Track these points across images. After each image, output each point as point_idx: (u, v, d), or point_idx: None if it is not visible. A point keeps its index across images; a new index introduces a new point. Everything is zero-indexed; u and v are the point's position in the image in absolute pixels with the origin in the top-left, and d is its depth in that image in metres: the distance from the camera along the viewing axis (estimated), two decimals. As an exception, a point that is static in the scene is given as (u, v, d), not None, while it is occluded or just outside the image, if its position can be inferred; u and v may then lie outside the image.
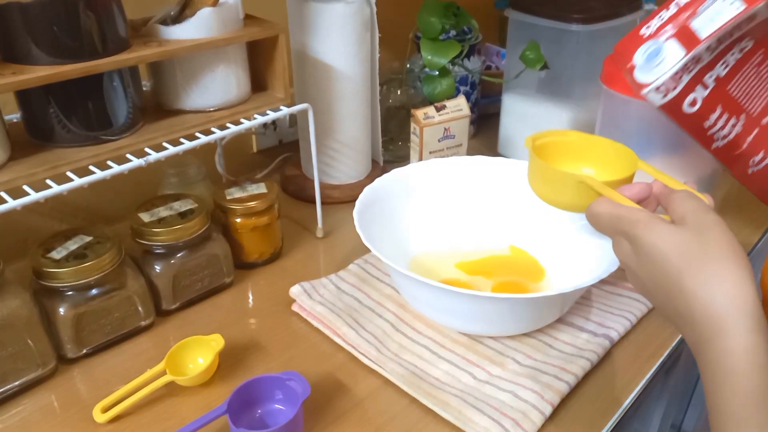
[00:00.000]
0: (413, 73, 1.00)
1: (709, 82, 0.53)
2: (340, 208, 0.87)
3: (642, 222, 0.43)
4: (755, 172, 0.58)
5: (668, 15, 0.52)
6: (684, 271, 0.39)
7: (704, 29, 0.49)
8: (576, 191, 0.51)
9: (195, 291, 0.68)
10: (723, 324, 0.37)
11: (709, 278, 0.38)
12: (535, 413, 0.53)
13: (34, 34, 0.54)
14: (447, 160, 0.77)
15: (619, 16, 0.89)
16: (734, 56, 0.52)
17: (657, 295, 0.43)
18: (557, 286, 0.68)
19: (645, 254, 0.42)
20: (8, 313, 0.54)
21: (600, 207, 0.46)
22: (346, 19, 0.78)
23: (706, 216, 0.41)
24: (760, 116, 0.55)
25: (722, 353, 0.37)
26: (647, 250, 0.42)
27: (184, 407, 0.57)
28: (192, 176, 0.76)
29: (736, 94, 0.54)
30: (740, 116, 0.55)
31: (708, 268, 0.39)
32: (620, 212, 0.45)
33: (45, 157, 0.58)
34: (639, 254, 0.43)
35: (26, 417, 0.56)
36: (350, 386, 0.59)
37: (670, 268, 0.40)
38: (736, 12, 0.47)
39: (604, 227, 0.46)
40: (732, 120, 0.56)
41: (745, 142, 0.57)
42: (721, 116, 0.55)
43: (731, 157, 0.58)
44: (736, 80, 0.54)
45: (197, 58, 0.66)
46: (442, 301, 0.59)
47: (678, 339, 0.65)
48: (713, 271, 0.39)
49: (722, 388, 0.37)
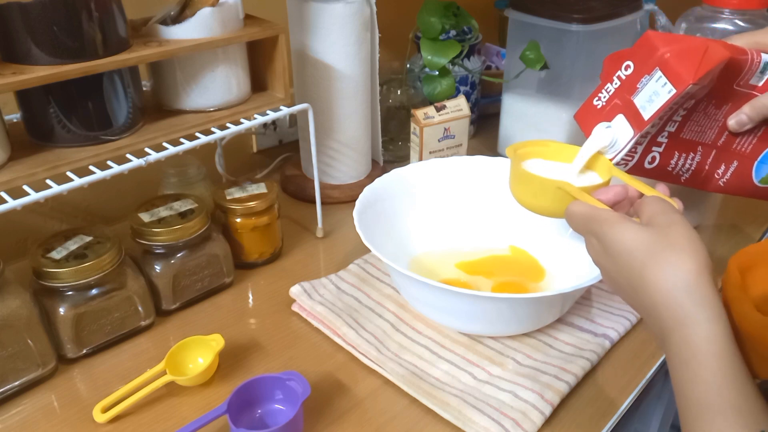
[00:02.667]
0: (413, 73, 1.00)
1: (662, 140, 0.57)
2: (340, 208, 0.87)
3: (609, 221, 0.45)
4: (726, 182, 0.61)
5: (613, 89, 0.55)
6: (646, 265, 0.42)
7: (645, 110, 0.52)
8: (555, 197, 0.53)
9: (195, 291, 0.68)
10: (682, 314, 0.40)
11: (668, 271, 0.41)
12: (535, 413, 0.53)
13: (34, 34, 0.54)
14: (447, 160, 0.77)
15: (619, 16, 0.89)
16: (680, 114, 0.55)
17: (626, 289, 0.45)
18: (557, 286, 0.68)
19: (612, 250, 0.44)
20: (8, 313, 0.54)
21: (574, 207, 0.49)
22: (346, 19, 0.78)
23: (670, 216, 0.44)
24: (714, 141, 0.59)
25: (683, 343, 0.39)
26: (614, 246, 0.44)
27: (184, 407, 0.57)
28: (192, 176, 0.76)
29: (689, 137, 0.58)
30: (697, 149, 0.59)
31: (667, 262, 0.41)
32: (591, 212, 0.47)
33: (45, 157, 0.58)
34: (607, 251, 0.45)
35: (26, 417, 0.56)
36: (350, 386, 0.59)
37: (634, 262, 0.42)
38: (669, 96, 0.50)
39: (578, 227, 0.49)
40: (690, 155, 0.59)
41: (706, 164, 0.60)
42: (680, 157, 0.59)
43: (699, 180, 0.61)
44: (686, 128, 0.57)
45: (197, 58, 0.66)
46: (442, 301, 0.59)
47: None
48: (672, 263, 0.41)
49: (685, 376, 0.39)
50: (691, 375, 0.39)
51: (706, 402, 0.37)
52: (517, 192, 0.57)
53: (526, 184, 0.56)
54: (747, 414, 0.36)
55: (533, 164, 0.60)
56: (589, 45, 0.88)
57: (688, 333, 0.39)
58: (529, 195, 0.56)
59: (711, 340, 0.38)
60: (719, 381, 0.37)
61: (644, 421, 0.82)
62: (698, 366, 0.38)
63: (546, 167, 0.59)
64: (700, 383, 0.38)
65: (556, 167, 0.59)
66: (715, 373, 0.38)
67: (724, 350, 0.38)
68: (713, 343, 0.38)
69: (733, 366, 0.38)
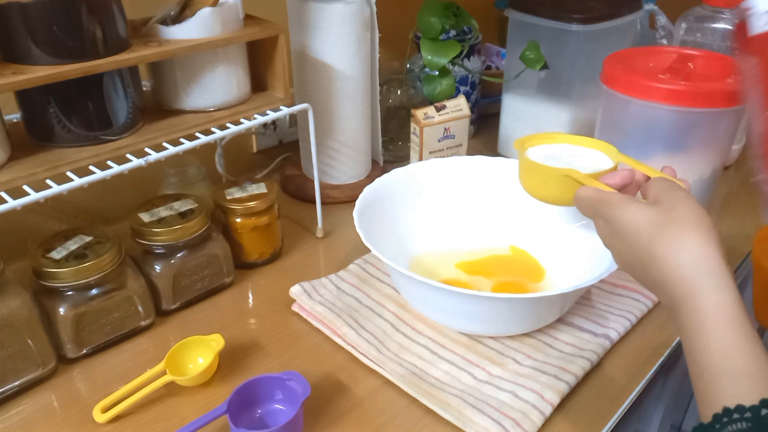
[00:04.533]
0: (413, 73, 1.00)
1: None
2: (340, 208, 0.87)
3: (615, 203, 0.47)
4: None
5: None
6: (655, 241, 0.43)
7: None
8: (563, 184, 0.54)
9: (195, 291, 0.68)
10: (691, 285, 0.41)
11: (675, 244, 0.42)
12: (535, 413, 0.53)
13: (34, 34, 0.54)
14: (447, 160, 0.77)
15: (619, 16, 0.89)
16: None
17: (636, 267, 0.46)
18: (557, 286, 0.68)
19: (620, 230, 0.46)
20: (8, 313, 0.54)
21: (582, 192, 0.51)
22: (346, 19, 0.78)
23: (676, 193, 0.45)
24: None
25: (693, 312, 0.40)
26: (622, 226, 0.46)
27: (184, 407, 0.57)
28: (192, 176, 0.76)
29: None
30: None
31: (675, 236, 0.42)
32: (599, 196, 0.49)
33: (45, 157, 0.58)
34: (615, 232, 0.47)
35: (26, 417, 0.56)
36: (350, 386, 0.59)
37: (641, 239, 0.44)
38: None
39: (586, 210, 0.51)
40: None
41: None
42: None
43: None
44: None
45: (197, 58, 0.66)
46: (442, 301, 0.59)
47: (678, 339, 0.65)
48: (680, 237, 0.42)
49: (696, 345, 0.40)
50: (702, 343, 0.39)
51: (717, 369, 0.38)
52: (526, 183, 0.59)
53: (534, 174, 0.57)
54: (759, 379, 0.37)
55: (540, 150, 0.61)
56: (589, 45, 0.88)
57: (696, 303, 0.40)
58: (539, 185, 0.57)
59: (720, 308, 0.39)
60: (729, 348, 0.38)
61: (644, 421, 0.82)
62: (708, 334, 0.39)
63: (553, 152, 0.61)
64: (710, 351, 0.39)
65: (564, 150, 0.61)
66: (725, 340, 0.39)
67: (734, 318, 0.39)
68: (722, 312, 0.39)
69: (744, 333, 0.39)
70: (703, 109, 0.71)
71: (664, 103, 0.72)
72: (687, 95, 0.70)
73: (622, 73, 0.75)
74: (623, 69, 0.76)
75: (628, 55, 0.81)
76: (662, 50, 0.83)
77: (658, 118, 0.74)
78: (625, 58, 0.80)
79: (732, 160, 1.01)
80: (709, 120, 0.73)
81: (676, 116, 0.73)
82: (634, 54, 0.81)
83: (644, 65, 0.80)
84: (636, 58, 0.81)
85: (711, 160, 0.77)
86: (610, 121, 0.80)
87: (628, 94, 0.74)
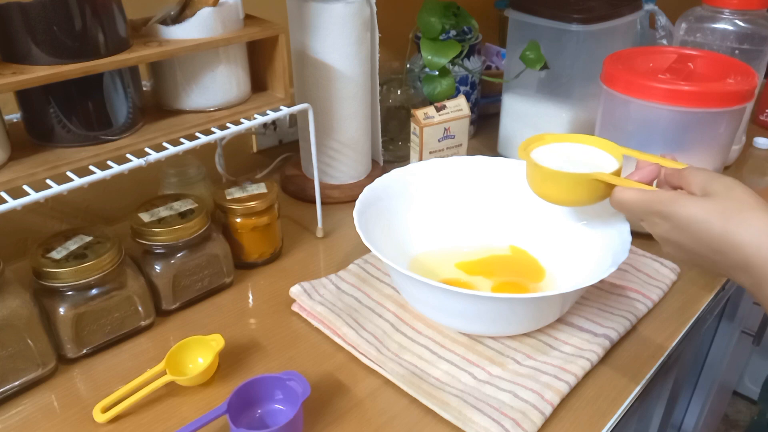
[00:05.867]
0: (413, 73, 1.00)
1: None
2: (340, 208, 0.87)
3: (672, 200, 0.48)
4: None
5: None
6: (728, 228, 0.45)
7: None
8: (587, 188, 0.55)
9: (195, 291, 0.68)
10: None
11: (753, 227, 0.44)
12: (535, 413, 0.53)
13: (34, 34, 0.54)
14: (447, 160, 0.77)
15: (619, 16, 0.89)
16: None
17: (707, 255, 0.47)
18: (557, 286, 0.68)
19: (686, 226, 0.47)
20: (8, 313, 0.54)
21: (625, 195, 0.52)
22: (346, 19, 0.78)
23: (722, 180, 0.47)
24: None
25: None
26: (688, 221, 0.47)
27: (184, 407, 0.57)
28: (192, 176, 0.76)
29: None
30: None
31: (747, 220, 0.45)
32: (648, 196, 0.50)
33: (45, 157, 0.58)
34: (680, 228, 0.48)
35: (26, 417, 0.56)
36: (350, 386, 0.59)
37: (713, 229, 0.46)
38: None
39: (635, 211, 0.52)
40: None
41: None
42: None
43: None
44: None
45: (197, 58, 0.66)
46: (442, 301, 0.59)
47: (678, 339, 0.65)
48: (752, 221, 0.44)
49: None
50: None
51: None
52: (545, 191, 0.59)
53: (558, 182, 0.57)
54: None
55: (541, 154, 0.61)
56: (589, 45, 0.88)
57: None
58: (562, 192, 0.58)
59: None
60: None
61: (644, 420, 0.82)
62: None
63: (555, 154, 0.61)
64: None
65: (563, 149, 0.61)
66: None
67: None
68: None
69: None
70: (703, 109, 0.71)
71: (664, 103, 0.72)
72: (687, 95, 0.70)
73: (622, 73, 0.75)
74: (623, 69, 0.76)
75: (628, 55, 0.81)
76: (662, 50, 0.83)
77: (658, 118, 0.74)
78: (625, 58, 0.80)
79: (732, 160, 1.01)
80: (709, 120, 0.73)
81: (676, 116, 0.73)
82: (634, 54, 0.81)
83: (644, 65, 0.80)
84: (636, 58, 0.81)
85: (711, 160, 0.77)
86: (610, 121, 0.80)
87: (628, 94, 0.74)
